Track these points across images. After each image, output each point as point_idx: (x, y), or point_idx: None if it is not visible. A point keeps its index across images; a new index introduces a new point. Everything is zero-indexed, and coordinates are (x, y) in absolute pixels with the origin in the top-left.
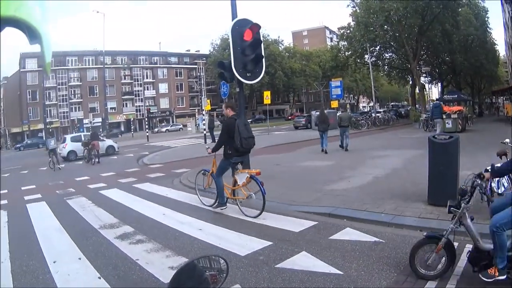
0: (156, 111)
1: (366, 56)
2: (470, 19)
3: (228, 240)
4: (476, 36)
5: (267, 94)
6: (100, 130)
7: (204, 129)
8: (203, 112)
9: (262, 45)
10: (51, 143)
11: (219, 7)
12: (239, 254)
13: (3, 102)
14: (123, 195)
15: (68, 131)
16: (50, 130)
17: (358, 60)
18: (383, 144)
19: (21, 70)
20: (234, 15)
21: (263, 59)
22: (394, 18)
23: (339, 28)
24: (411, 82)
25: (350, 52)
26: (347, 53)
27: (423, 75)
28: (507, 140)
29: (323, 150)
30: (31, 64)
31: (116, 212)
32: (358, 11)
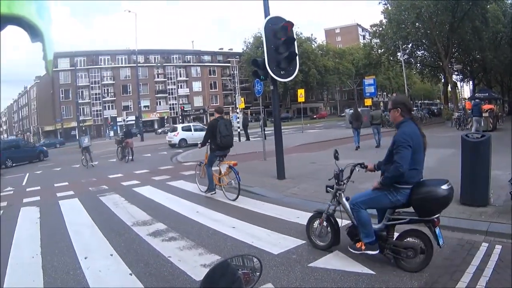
0: (190, 109)
1: (399, 54)
2: (498, 16)
3: (261, 239)
4: (504, 33)
5: (301, 92)
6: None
7: (238, 127)
8: (237, 110)
9: (295, 42)
10: (84, 141)
11: (252, 5)
12: (272, 252)
13: (36, 101)
14: (156, 193)
15: (102, 129)
16: (83, 128)
17: (391, 58)
18: None
19: (53, 69)
20: (266, 13)
21: (297, 57)
22: (425, 15)
23: (371, 25)
24: (443, 80)
25: (382, 50)
26: (379, 50)
27: (455, 73)
28: None
29: (356, 147)
30: (64, 63)
31: (149, 209)
32: (390, 8)
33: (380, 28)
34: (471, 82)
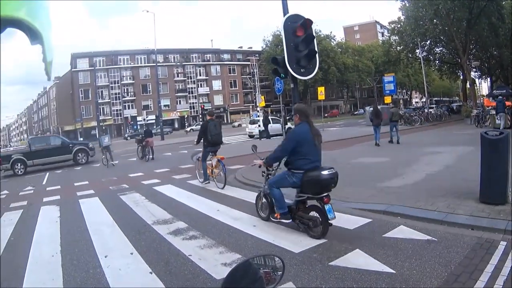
0: (210, 107)
1: (418, 51)
2: None
3: (282, 237)
4: None
5: (321, 90)
6: (153, 127)
7: (259, 125)
8: (257, 109)
9: (315, 40)
10: (104, 140)
11: (270, 3)
12: (293, 251)
13: (56, 101)
14: (177, 191)
15: (122, 128)
16: (103, 128)
17: (410, 55)
18: (436, 140)
19: (72, 70)
20: (285, 10)
21: (317, 55)
22: (442, 12)
23: (389, 22)
24: (461, 77)
25: (401, 47)
26: (398, 47)
27: (473, 69)
28: None
29: (376, 143)
30: (83, 64)
31: (170, 208)
32: (407, 5)
33: (399, 25)
34: (488, 79)
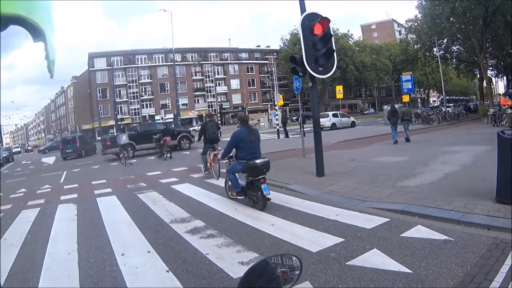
0: (228, 106)
1: (435, 49)
2: None
3: (300, 236)
4: None
5: (339, 89)
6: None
7: (277, 124)
8: (276, 107)
9: (332, 39)
10: (122, 139)
11: (287, 2)
12: (311, 250)
13: (74, 100)
14: (195, 190)
15: None
16: (121, 127)
17: (427, 54)
18: (453, 140)
19: (90, 69)
20: (302, 9)
21: (335, 53)
22: (459, 9)
23: (406, 20)
24: (478, 76)
25: (418, 45)
26: (415, 46)
27: (489, 68)
28: None
29: (394, 141)
30: (100, 63)
31: (188, 207)
32: (424, 3)
33: (416, 23)
34: (505, 78)
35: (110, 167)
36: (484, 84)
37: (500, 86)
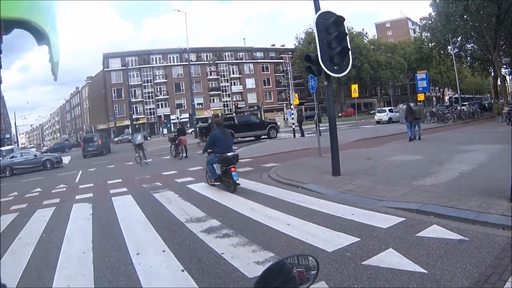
0: (244, 106)
1: (449, 47)
2: None
3: (315, 236)
4: None
5: (354, 88)
6: (187, 125)
7: (293, 123)
8: (291, 107)
9: (347, 37)
10: (137, 138)
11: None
12: (326, 250)
13: (89, 100)
14: (211, 189)
15: (155, 126)
16: (137, 126)
17: (442, 52)
18: (468, 138)
19: (105, 69)
20: (317, 8)
21: (350, 52)
22: (472, 7)
23: (420, 18)
24: (493, 74)
25: (433, 44)
26: (430, 44)
27: (503, 66)
28: None
29: (410, 139)
30: (115, 63)
31: (203, 206)
32: (438, 1)
33: (430, 22)
34: None
35: (126, 167)
36: (499, 82)
37: None
